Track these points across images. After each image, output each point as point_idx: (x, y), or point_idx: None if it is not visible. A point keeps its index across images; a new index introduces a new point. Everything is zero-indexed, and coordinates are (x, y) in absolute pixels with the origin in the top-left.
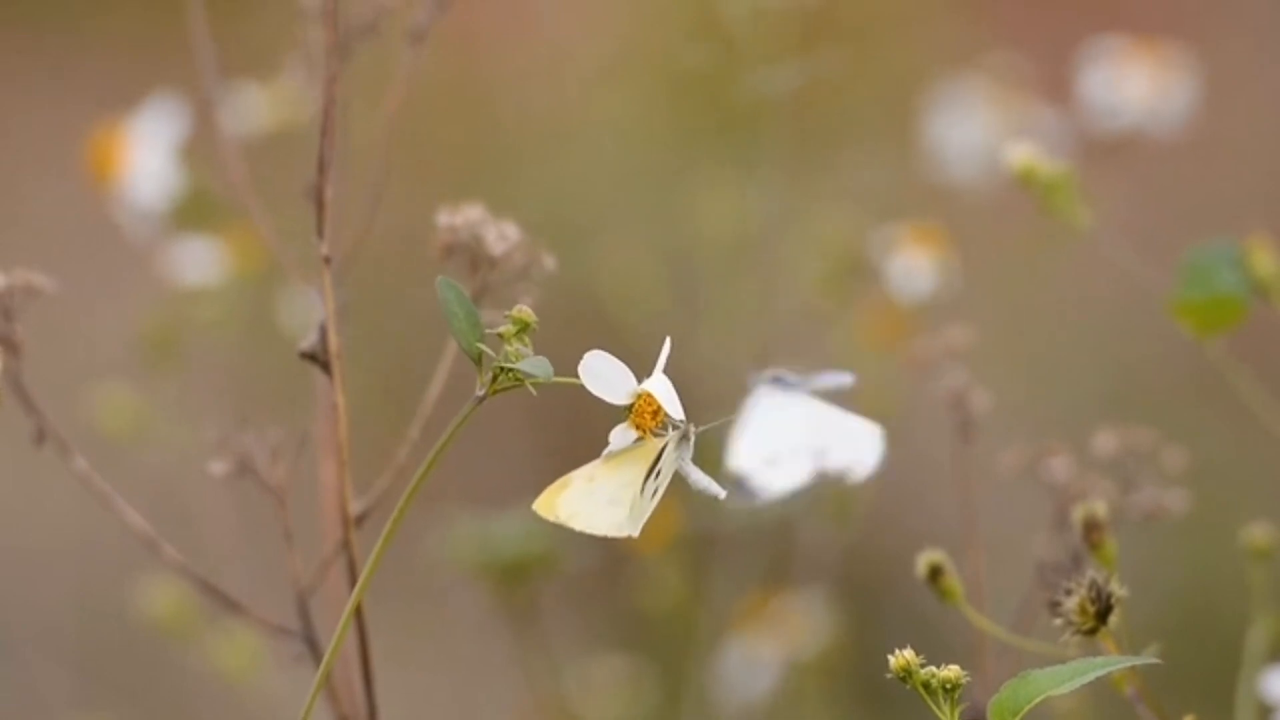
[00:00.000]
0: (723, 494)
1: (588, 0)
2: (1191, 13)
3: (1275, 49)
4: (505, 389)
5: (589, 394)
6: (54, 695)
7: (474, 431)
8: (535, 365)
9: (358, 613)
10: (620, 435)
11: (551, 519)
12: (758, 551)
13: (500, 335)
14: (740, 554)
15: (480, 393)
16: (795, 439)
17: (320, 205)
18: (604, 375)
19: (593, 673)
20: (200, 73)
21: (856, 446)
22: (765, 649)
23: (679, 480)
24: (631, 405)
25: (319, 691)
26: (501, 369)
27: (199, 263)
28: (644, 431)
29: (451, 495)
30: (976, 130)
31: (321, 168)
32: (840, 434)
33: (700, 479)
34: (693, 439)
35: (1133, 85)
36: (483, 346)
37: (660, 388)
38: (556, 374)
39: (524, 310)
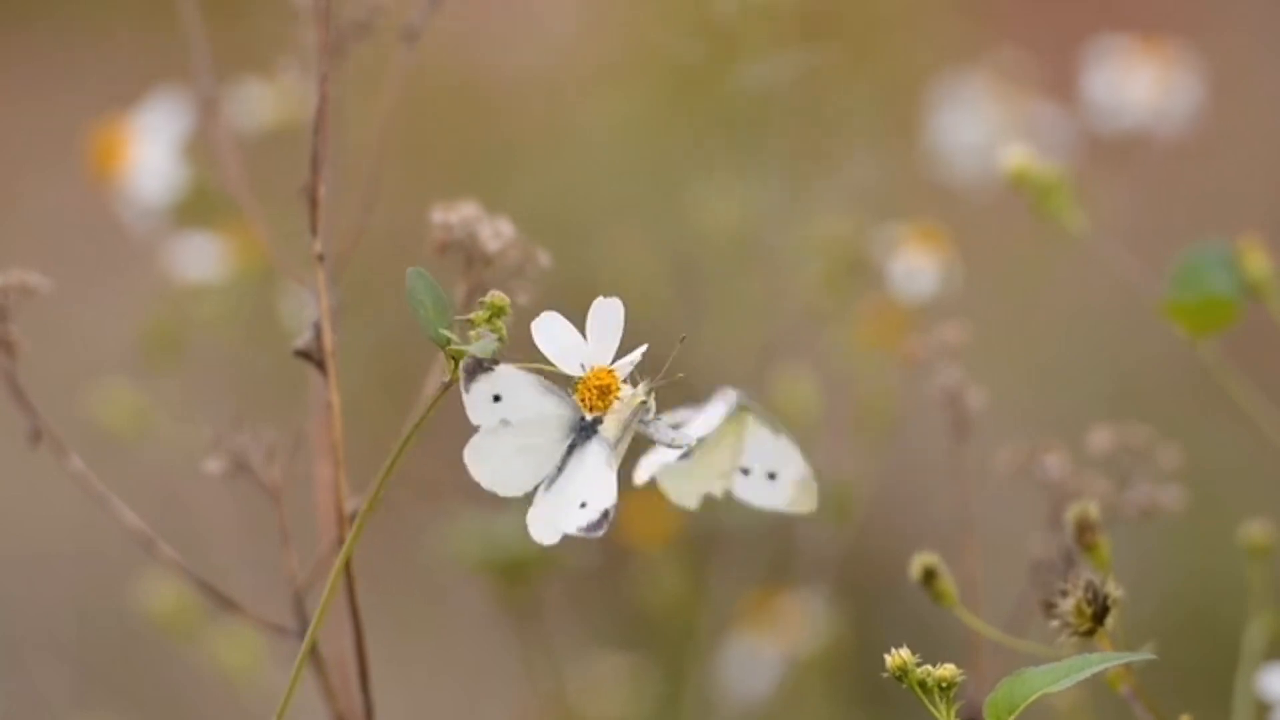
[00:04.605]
0: (690, 443)
1: (587, 0)
2: (1192, 10)
3: (1276, 48)
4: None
5: None
6: (54, 695)
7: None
8: (481, 346)
9: (353, 610)
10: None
11: None
12: (758, 550)
13: (471, 321)
14: (740, 553)
15: (445, 379)
16: None
17: (314, 204)
18: (556, 338)
19: (593, 671)
20: (196, 72)
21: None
22: (765, 647)
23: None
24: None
25: (299, 674)
26: (457, 353)
27: (201, 259)
28: (588, 409)
29: (452, 493)
30: (979, 129)
31: (315, 166)
32: None
33: (665, 433)
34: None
35: (1137, 85)
36: (448, 333)
37: (620, 364)
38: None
39: (498, 295)
